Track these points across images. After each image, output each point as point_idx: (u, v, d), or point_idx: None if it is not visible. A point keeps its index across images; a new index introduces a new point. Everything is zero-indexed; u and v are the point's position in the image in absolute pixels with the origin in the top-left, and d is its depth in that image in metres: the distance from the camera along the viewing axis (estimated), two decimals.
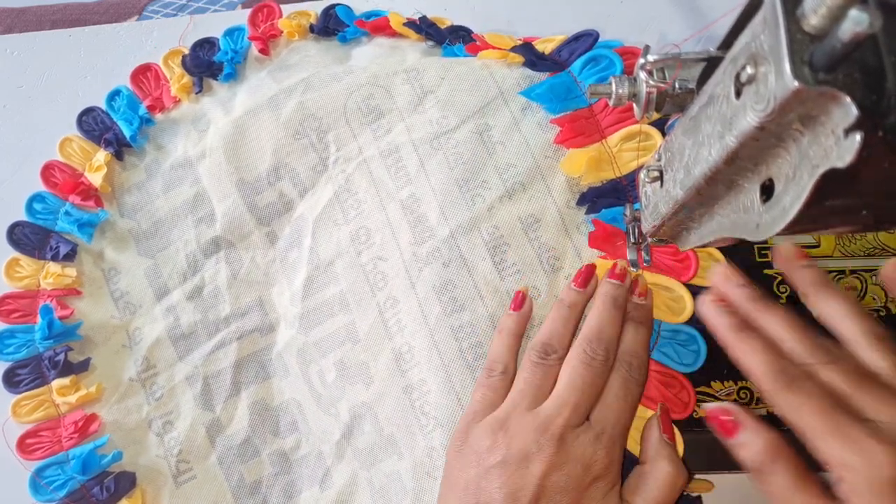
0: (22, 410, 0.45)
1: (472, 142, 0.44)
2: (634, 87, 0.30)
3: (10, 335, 0.47)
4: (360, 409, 0.43)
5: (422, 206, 0.44)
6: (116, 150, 0.49)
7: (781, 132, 0.21)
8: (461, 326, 0.41)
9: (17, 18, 0.57)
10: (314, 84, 0.48)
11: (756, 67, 0.20)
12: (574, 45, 0.46)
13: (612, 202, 0.42)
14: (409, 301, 0.43)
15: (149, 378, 0.46)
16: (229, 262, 0.47)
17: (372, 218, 0.45)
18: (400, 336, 0.43)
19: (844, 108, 0.18)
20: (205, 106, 0.50)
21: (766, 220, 0.23)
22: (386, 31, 0.49)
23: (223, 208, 0.47)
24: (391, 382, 0.42)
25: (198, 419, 0.45)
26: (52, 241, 0.48)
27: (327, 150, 0.47)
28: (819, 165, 0.20)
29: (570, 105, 0.44)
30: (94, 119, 0.51)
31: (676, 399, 0.39)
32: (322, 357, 0.45)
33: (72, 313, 0.47)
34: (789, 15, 0.19)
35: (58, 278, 0.47)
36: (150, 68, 0.52)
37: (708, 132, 0.25)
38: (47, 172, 0.50)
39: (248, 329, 0.46)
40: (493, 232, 0.43)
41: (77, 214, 0.48)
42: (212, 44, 0.52)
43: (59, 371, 0.45)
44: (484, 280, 0.42)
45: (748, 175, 0.25)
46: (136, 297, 0.48)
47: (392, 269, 0.44)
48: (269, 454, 0.45)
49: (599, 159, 0.42)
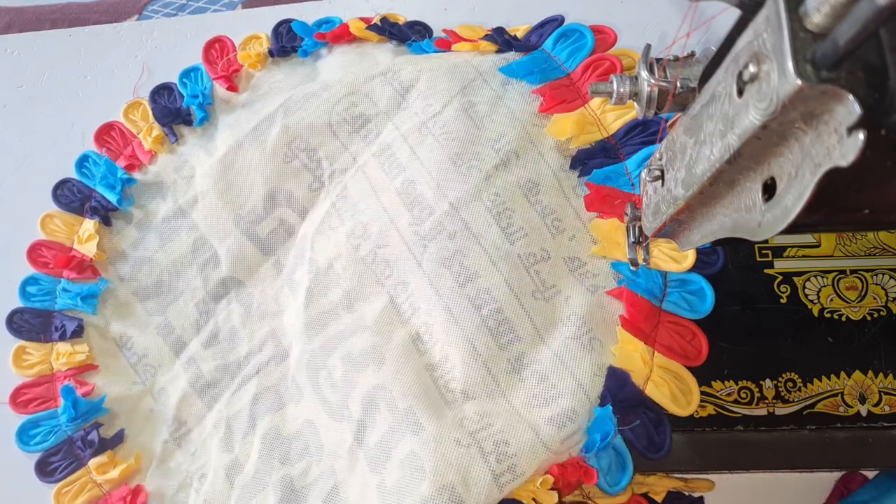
0: (65, 499, 0.44)
1: (459, 119, 0.44)
2: (636, 86, 0.30)
3: (33, 425, 0.46)
4: (372, 393, 0.42)
5: (417, 188, 0.44)
6: (103, 216, 0.48)
7: (784, 131, 0.21)
8: (478, 294, 0.41)
9: (17, 17, 0.57)
10: (293, 106, 0.47)
11: (759, 66, 0.20)
12: (541, 29, 0.47)
13: (603, 162, 0.43)
14: (418, 280, 0.43)
15: (182, 436, 0.46)
16: (240, 301, 0.47)
17: (367, 213, 0.45)
18: (416, 318, 0.43)
19: (847, 107, 0.18)
20: (184, 153, 0.49)
21: (768, 219, 0.23)
22: (347, 39, 0.49)
23: (226, 248, 0.47)
24: (407, 362, 0.42)
25: (219, 463, 0.45)
26: (55, 321, 0.47)
27: (321, 167, 0.47)
28: (821, 164, 0.20)
29: (550, 75, 0.45)
30: (70, 190, 0.50)
31: (690, 346, 0.39)
32: (328, 357, 0.44)
33: (93, 388, 0.46)
34: (792, 13, 0.19)
35: (70, 357, 0.46)
36: (113, 126, 0.51)
37: (710, 131, 0.25)
38: (34, 254, 0.48)
39: (264, 361, 0.46)
40: (495, 199, 0.43)
41: (76, 289, 0.47)
42: (169, 89, 0.51)
43: (94, 449, 0.44)
44: (493, 246, 0.42)
45: (750, 174, 0.25)
46: (153, 359, 0.47)
47: (394, 253, 0.44)
48: (273, 484, 0.44)
49: (584, 121, 0.43)
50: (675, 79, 0.28)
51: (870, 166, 0.19)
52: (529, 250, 0.42)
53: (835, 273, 0.42)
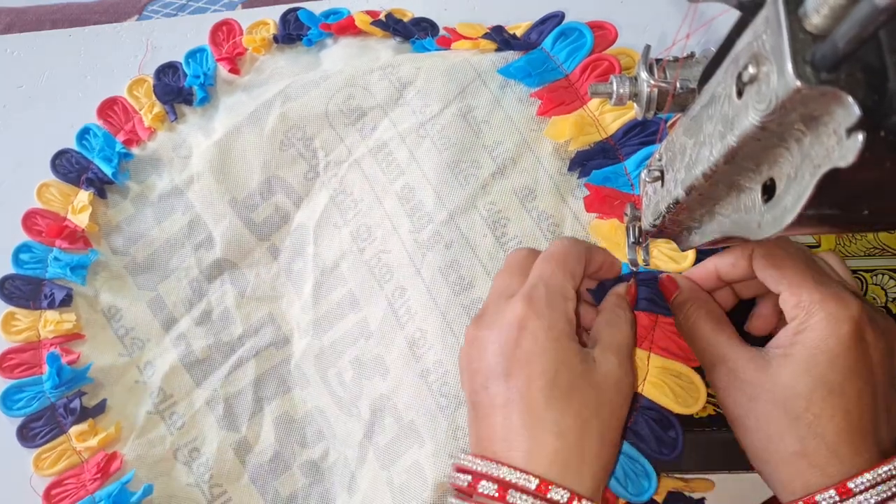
0: (44, 464, 0.45)
1: (457, 124, 0.44)
2: (635, 87, 0.30)
3: (17, 390, 0.46)
4: (379, 402, 0.43)
5: (417, 195, 0.44)
6: (99, 188, 0.48)
7: (783, 132, 0.21)
8: (472, 303, 0.42)
9: (17, 18, 0.57)
10: (292, 94, 0.47)
11: (758, 67, 0.20)
12: (541, 27, 0.46)
13: (603, 163, 0.43)
14: (416, 287, 0.43)
15: (167, 408, 0.46)
16: (234, 283, 0.47)
17: (370, 214, 0.45)
18: (411, 323, 0.43)
19: (847, 108, 0.18)
20: (182, 132, 0.49)
21: (768, 219, 0.23)
22: (351, 31, 0.49)
23: (220, 230, 0.47)
24: (407, 370, 0.42)
25: (224, 441, 0.45)
26: (45, 289, 0.47)
27: (316, 157, 0.47)
28: (821, 165, 0.20)
29: (548, 77, 0.44)
30: (69, 161, 0.49)
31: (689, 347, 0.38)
32: (338, 358, 0.45)
33: (78, 357, 0.46)
34: (791, 14, 0.19)
35: (58, 325, 0.46)
36: (117, 101, 0.51)
37: (709, 132, 0.25)
38: (29, 221, 0.48)
39: (263, 345, 0.46)
40: (491, 208, 0.43)
41: (67, 258, 0.47)
42: (175, 68, 0.51)
43: (76, 417, 0.45)
44: (488, 255, 0.43)
45: (749, 175, 0.25)
46: (142, 332, 0.47)
47: (395, 259, 0.44)
48: (299, 466, 0.45)
49: (582, 123, 0.43)
50: (675, 79, 0.28)
51: (869, 167, 0.19)
52: None
53: None
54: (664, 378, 0.38)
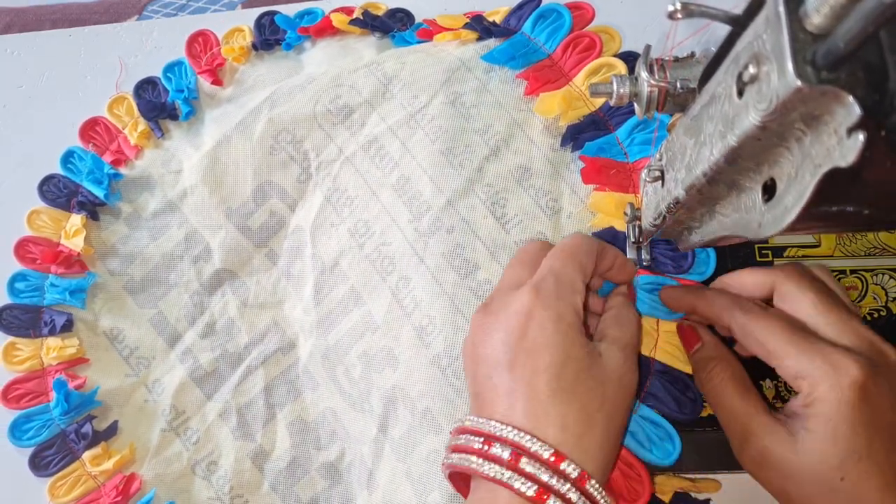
0: (59, 491, 0.44)
1: (447, 112, 0.45)
2: (636, 87, 0.30)
3: (25, 420, 0.45)
4: (391, 393, 0.43)
5: (414, 185, 0.45)
6: (91, 211, 0.48)
7: (784, 131, 0.21)
8: (479, 286, 0.42)
9: (17, 17, 0.57)
10: (279, 99, 0.47)
11: (758, 67, 0.20)
12: (520, 11, 0.47)
13: (595, 134, 0.43)
14: (420, 275, 0.43)
15: (181, 424, 0.46)
16: (235, 292, 0.47)
17: (367, 210, 0.46)
18: (418, 312, 0.43)
19: (847, 108, 0.18)
20: (170, 147, 0.49)
21: (768, 219, 0.23)
22: (330, 32, 0.49)
23: (218, 240, 0.47)
24: (417, 358, 0.42)
25: (241, 451, 0.45)
26: (44, 316, 0.47)
27: (307, 159, 0.47)
28: (821, 165, 0.20)
29: (531, 59, 0.45)
30: (56, 186, 0.49)
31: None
32: (345, 355, 0.45)
33: (85, 381, 0.46)
34: (792, 14, 0.19)
35: (61, 351, 0.46)
36: (98, 122, 0.50)
37: (710, 132, 0.25)
38: (22, 250, 0.48)
39: (270, 351, 0.46)
40: (488, 190, 0.44)
41: (64, 283, 0.47)
42: (154, 83, 0.51)
43: (88, 442, 0.44)
44: (490, 237, 0.43)
45: (750, 174, 0.25)
46: (147, 351, 0.47)
47: (397, 250, 0.44)
48: (317, 469, 0.45)
49: (571, 97, 0.44)
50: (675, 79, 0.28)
51: (869, 167, 0.19)
52: (525, 236, 0.43)
53: (835, 273, 0.41)
54: (675, 341, 0.39)
